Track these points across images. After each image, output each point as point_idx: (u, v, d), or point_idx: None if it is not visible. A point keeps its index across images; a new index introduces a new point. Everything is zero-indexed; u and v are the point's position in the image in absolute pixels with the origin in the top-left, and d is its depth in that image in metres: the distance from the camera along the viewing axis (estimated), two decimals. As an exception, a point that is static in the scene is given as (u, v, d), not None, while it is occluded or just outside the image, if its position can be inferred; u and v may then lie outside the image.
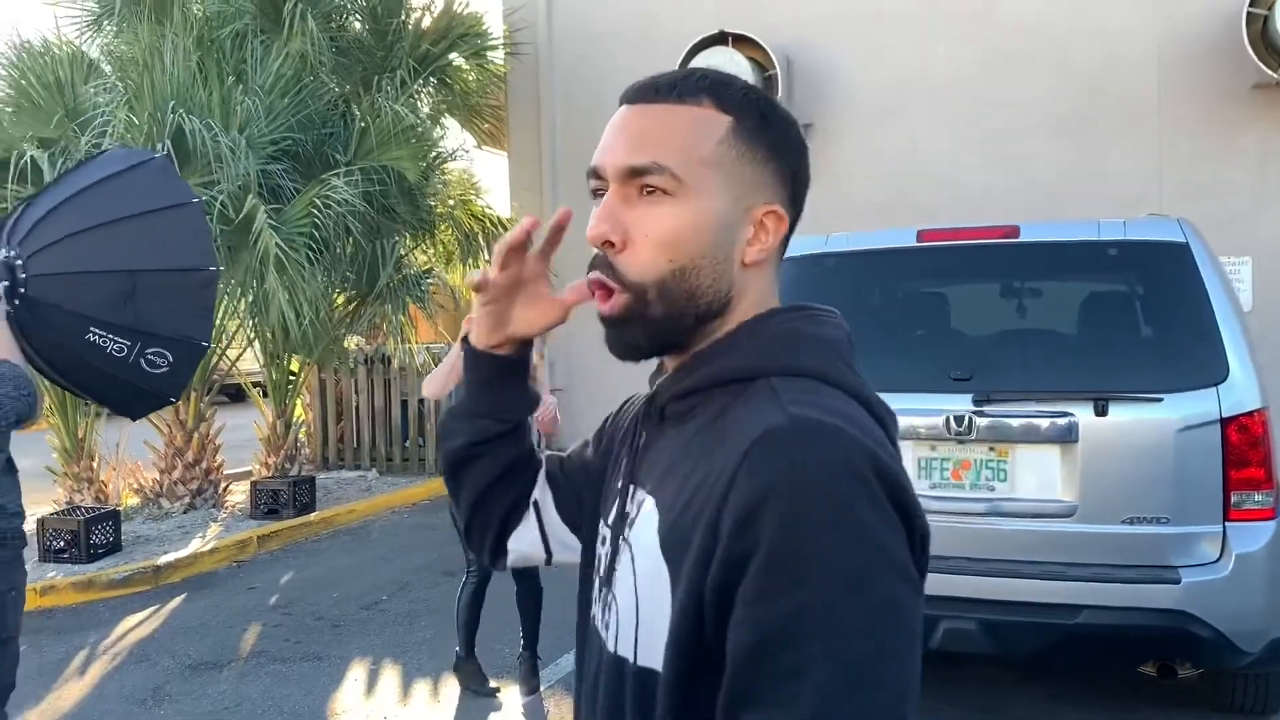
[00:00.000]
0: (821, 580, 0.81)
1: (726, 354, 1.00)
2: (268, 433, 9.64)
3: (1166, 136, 9.66)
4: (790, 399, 0.91)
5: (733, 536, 0.84)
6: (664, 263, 0.97)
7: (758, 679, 0.82)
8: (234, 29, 9.20)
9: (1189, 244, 3.85)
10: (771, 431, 0.87)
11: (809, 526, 0.82)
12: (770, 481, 0.84)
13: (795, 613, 0.81)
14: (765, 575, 0.82)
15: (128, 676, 5.24)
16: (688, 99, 1.00)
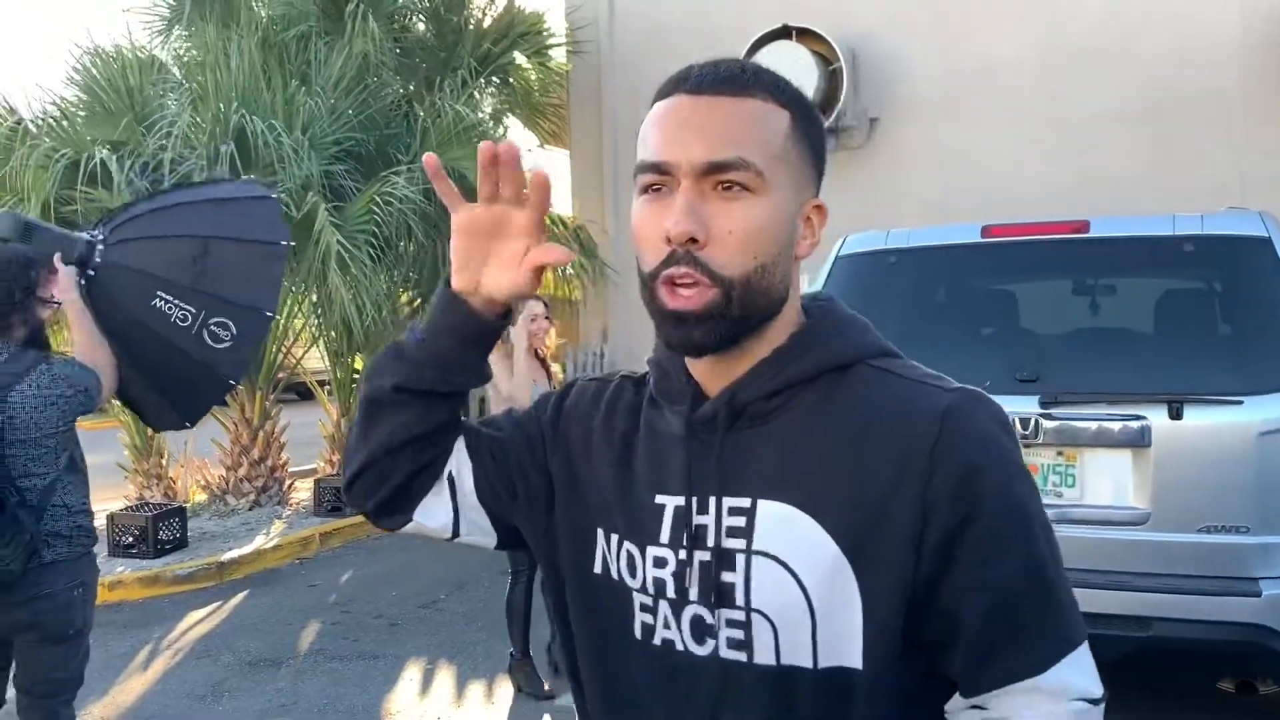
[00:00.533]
0: (1033, 532, 0.95)
1: (819, 345, 1.02)
2: (332, 430, 9.74)
3: (1249, 128, 9.29)
4: (918, 376, 1.00)
5: (949, 509, 0.92)
6: (750, 259, 0.96)
7: (998, 633, 0.93)
8: (298, 31, 9.32)
9: (1271, 238, 3.66)
10: (954, 408, 0.95)
11: (1015, 485, 0.95)
12: (975, 453, 0.93)
13: (1023, 568, 0.94)
14: (990, 538, 0.93)
15: (189, 672, 5.31)
16: (751, 92, 0.99)
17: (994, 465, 0.94)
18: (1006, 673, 0.94)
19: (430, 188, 8.77)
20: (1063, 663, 0.94)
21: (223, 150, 7.84)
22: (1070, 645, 0.95)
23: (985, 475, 0.93)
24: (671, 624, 1.03)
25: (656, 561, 1.04)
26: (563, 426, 1.18)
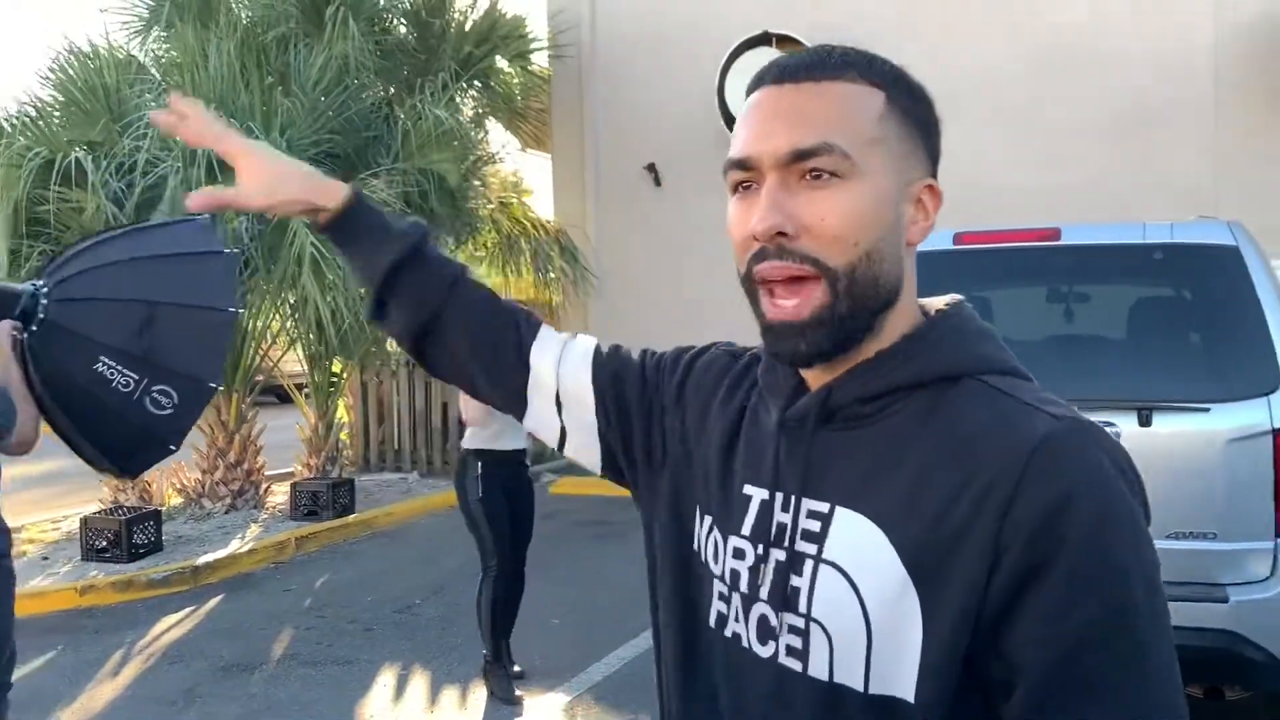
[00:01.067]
0: (1124, 582, 0.82)
1: (928, 352, 0.95)
2: (309, 434, 9.70)
3: (1224, 138, 9.38)
4: (1033, 399, 0.91)
5: (1027, 546, 0.83)
6: (851, 246, 0.91)
7: (1063, 687, 0.82)
8: (278, 32, 9.28)
9: (1239, 248, 3.70)
10: (1053, 437, 0.85)
11: (1110, 530, 0.83)
12: (1067, 488, 0.83)
13: (1101, 618, 0.81)
14: (1069, 583, 0.82)
15: (160, 677, 5.27)
16: (837, 75, 0.94)
17: (1088, 504, 0.83)
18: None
19: (410, 191, 8.79)
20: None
21: (200, 152, 7.79)
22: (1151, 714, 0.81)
23: (1073, 514, 0.82)
24: (740, 618, 1.00)
25: (736, 553, 1.02)
26: (686, 394, 1.15)
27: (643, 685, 4.94)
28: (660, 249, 11.67)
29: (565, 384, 1.20)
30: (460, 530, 5.19)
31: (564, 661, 5.28)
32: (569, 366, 1.21)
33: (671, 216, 11.61)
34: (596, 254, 11.91)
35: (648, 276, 11.75)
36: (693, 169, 11.48)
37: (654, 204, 11.76)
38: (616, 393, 1.19)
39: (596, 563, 7.36)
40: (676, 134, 11.50)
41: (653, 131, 11.67)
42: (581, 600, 6.39)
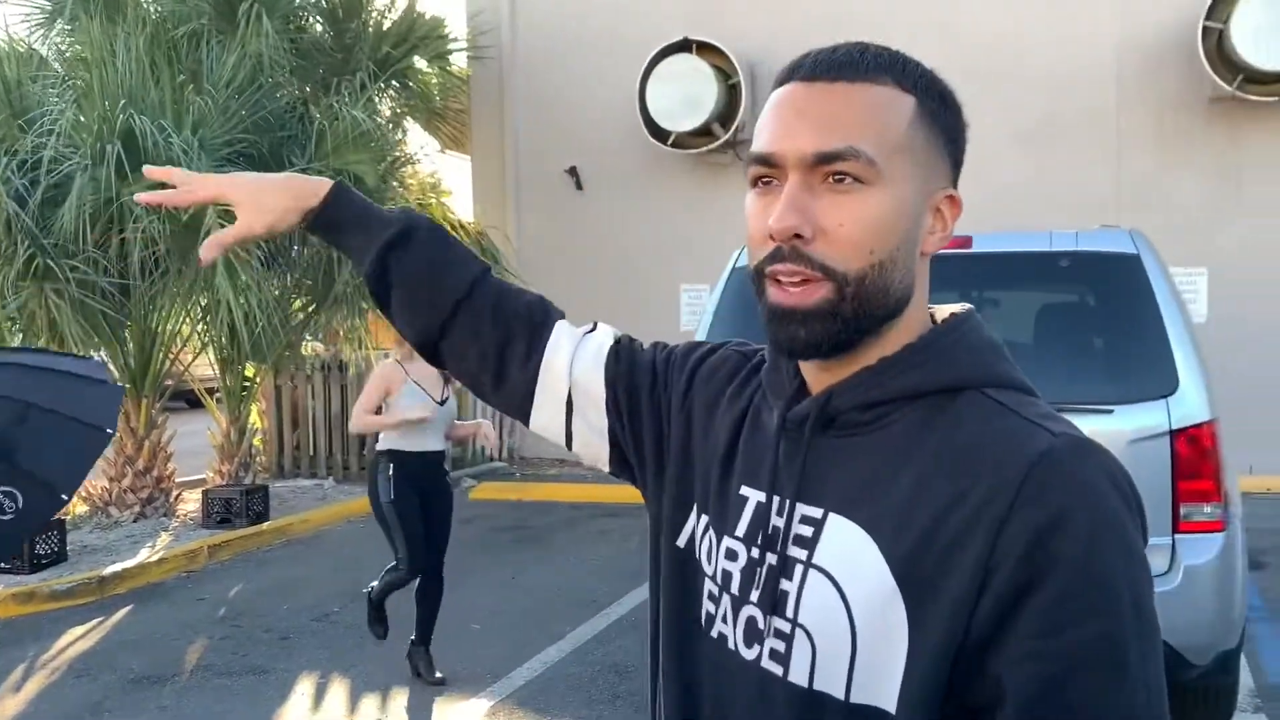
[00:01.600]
0: (1116, 607, 0.81)
1: (931, 362, 0.94)
2: (221, 440, 9.47)
3: (1125, 147, 9.75)
4: (1034, 415, 0.89)
5: (1019, 565, 0.82)
6: (865, 254, 0.90)
7: (1049, 712, 0.80)
8: (189, 29, 9.06)
9: (1140, 255, 3.85)
10: (1050, 454, 0.84)
11: (1103, 552, 0.81)
12: (1062, 507, 0.82)
13: (1092, 643, 0.80)
14: (1060, 605, 0.81)
15: (66, 691, 5.10)
16: (870, 78, 0.93)
17: (1082, 524, 0.81)
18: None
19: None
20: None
21: (109, 149, 7.58)
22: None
23: (1068, 534, 0.81)
24: (729, 619, 1.00)
25: (729, 554, 1.01)
26: (694, 392, 1.15)
27: (567, 689, 4.95)
28: (582, 252, 11.68)
29: (579, 385, 1.20)
30: (378, 536, 5.15)
31: (485, 667, 5.26)
32: (582, 366, 1.20)
33: (593, 219, 11.63)
34: (518, 256, 11.86)
35: (570, 279, 11.73)
36: (614, 172, 11.52)
37: (575, 207, 11.77)
38: (629, 392, 1.18)
39: (516, 567, 7.33)
40: (598, 137, 11.53)
41: (574, 134, 11.68)
42: (502, 605, 6.36)
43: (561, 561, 7.48)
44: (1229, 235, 9.43)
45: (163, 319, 8.75)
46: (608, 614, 6.09)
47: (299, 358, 10.74)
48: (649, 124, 10.62)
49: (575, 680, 5.06)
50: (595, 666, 5.23)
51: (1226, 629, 3.69)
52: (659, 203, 11.31)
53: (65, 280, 7.67)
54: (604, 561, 7.40)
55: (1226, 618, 3.68)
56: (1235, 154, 9.44)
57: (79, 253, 7.73)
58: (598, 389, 1.19)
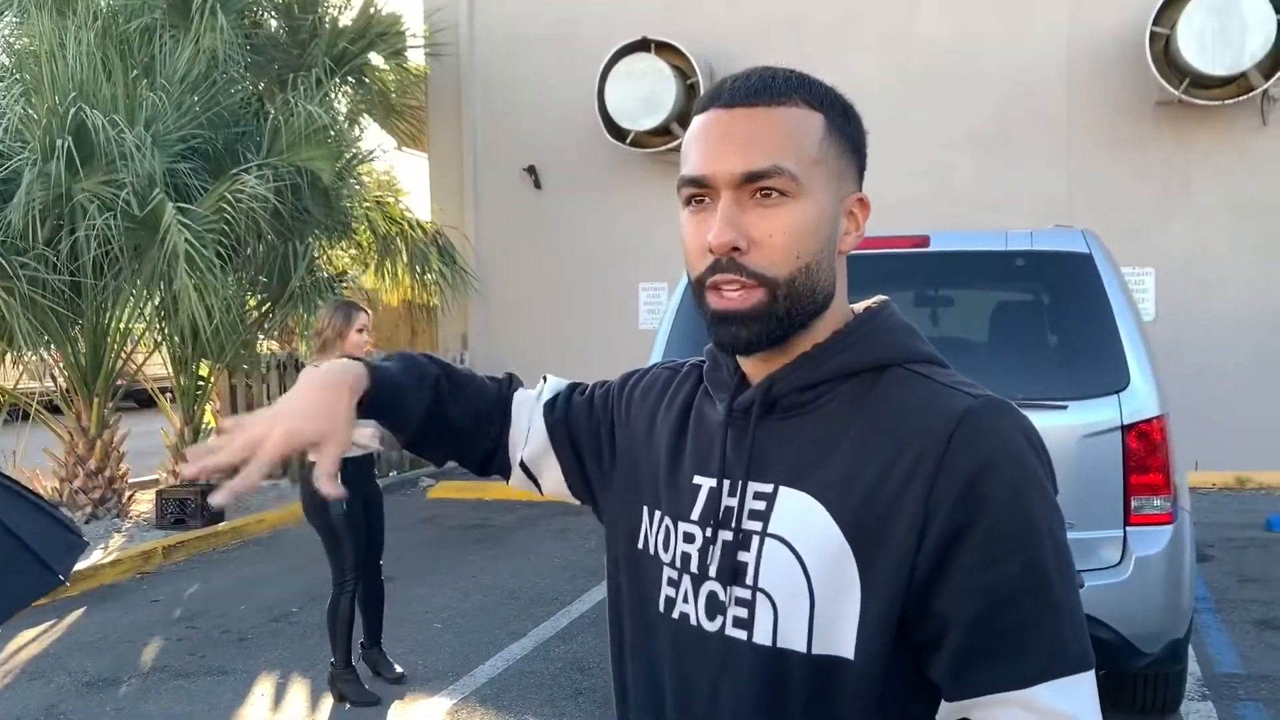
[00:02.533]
0: (1038, 541, 0.93)
1: (858, 345, 1.05)
2: (175, 440, 9.35)
3: (1076, 150, 9.93)
4: (952, 381, 1.02)
5: (952, 509, 0.93)
6: (793, 260, 1.00)
7: (988, 637, 0.93)
8: (142, 23, 8.93)
9: (1092, 254, 3.94)
10: (972, 412, 0.96)
11: (1024, 494, 0.94)
12: (987, 457, 0.94)
13: (1020, 573, 0.92)
14: (991, 541, 0.93)
15: (19, 695, 5.02)
16: (783, 100, 1.02)
17: (1006, 471, 0.94)
18: (991, 679, 0.93)
19: (281, 185, 8.57)
20: (1055, 683, 0.91)
21: (59, 144, 7.46)
22: (1067, 668, 0.92)
23: (993, 479, 0.93)
24: (690, 598, 1.08)
25: (686, 537, 1.10)
26: (633, 410, 1.26)
27: (529, 686, 4.96)
28: (540, 251, 11.66)
29: (531, 448, 1.31)
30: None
31: (447, 665, 5.25)
32: (532, 427, 1.31)
33: (551, 218, 11.62)
34: (476, 255, 11.83)
35: (528, 278, 11.74)
36: (572, 171, 11.52)
37: (534, 206, 11.75)
38: (569, 432, 1.30)
39: (476, 566, 7.32)
40: (556, 136, 11.52)
41: (532, 133, 11.66)
42: (463, 603, 6.35)
43: (522, 560, 7.47)
44: (1176, 236, 9.64)
45: (115, 317, 8.62)
46: (569, 611, 6.11)
47: (254, 356, 10.62)
48: (608, 123, 10.64)
49: (537, 677, 5.07)
50: (557, 663, 5.24)
51: (1176, 618, 3.78)
52: (618, 202, 11.33)
53: (15, 277, 7.53)
54: (564, 560, 7.41)
55: (1176, 607, 3.78)
56: (1182, 156, 9.65)
57: (29, 249, 7.60)
58: (544, 446, 1.30)
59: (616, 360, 9.86)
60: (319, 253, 10.16)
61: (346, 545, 4.66)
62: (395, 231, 10.92)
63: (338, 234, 10.24)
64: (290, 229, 9.24)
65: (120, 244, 7.81)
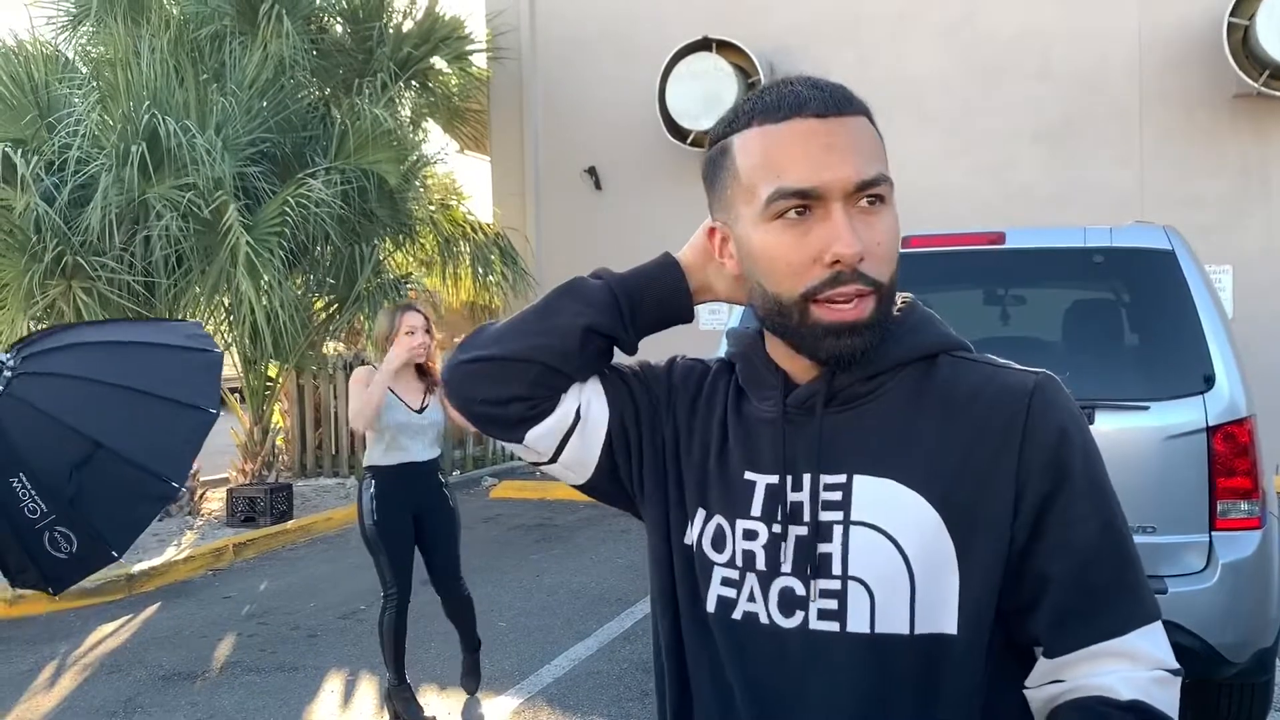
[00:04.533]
0: (1110, 502, 1.02)
1: (909, 336, 1.08)
2: (245, 439, 9.52)
3: (1148, 145, 9.69)
4: (1001, 363, 1.09)
5: (1040, 476, 1.00)
6: (893, 264, 1.04)
7: (1081, 594, 0.99)
8: (212, 30, 9.12)
9: (1175, 251, 3.83)
10: (1039, 387, 1.03)
11: (1094, 456, 1.03)
12: (1061, 425, 1.01)
13: (1101, 533, 1.00)
14: (1078, 500, 1.00)
15: (98, 688, 5.14)
16: (859, 110, 1.05)
17: (1079, 438, 1.02)
18: (1088, 634, 0.99)
19: (349, 188, 8.69)
20: (1141, 631, 0.99)
21: (134, 150, 7.63)
22: (1147, 618, 1.00)
23: (1072, 446, 1.01)
24: (758, 597, 1.07)
25: (747, 534, 1.09)
26: (674, 399, 1.23)
27: (595, 686, 4.96)
28: (601, 252, 11.62)
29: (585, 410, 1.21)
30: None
31: (513, 665, 5.27)
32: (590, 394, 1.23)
33: (612, 219, 11.64)
34: (536, 257, 11.89)
35: (588, 279, 11.76)
36: (633, 172, 11.52)
37: (594, 207, 11.78)
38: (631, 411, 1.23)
39: (540, 565, 7.35)
40: (616, 137, 11.53)
41: (592, 134, 11.69)
42: (526, 603, 6.37)
43: (585, 559, 7.48)
44: (1254, 232, 9.37)
45: (187, 317, 8.79)
46: (633, 612, 6.10)
47: (320, 357, 10.78)
48: (668, 123, 10.62)
49: (603, 678, 5.06)
50: (623, 664, 5.24)
51: (1264, 627, 3.66)
52: (678, 202, 11.30)
53: (94, 277, 7.73)
54: (627, 560, 7.41)
55: (1264, 616, 3.65)
56: (1260, 150, 9.38)
57: (106, 250, 7.79)
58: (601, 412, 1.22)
59: (680, 360, 9.78)
60: (384, 255, 10.28)
61: (381, 557, 4.50)
62: (458, 234, 11.01)
63: (403, 236, 10.36)
64: (357, 232, 9.36)
65: (190, 245, 7.97)
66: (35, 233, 7.63)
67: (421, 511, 4.55)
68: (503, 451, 11.72)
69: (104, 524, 2.89)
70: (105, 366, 2.97)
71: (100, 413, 2.91)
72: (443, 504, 4.62)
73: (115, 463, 2.85)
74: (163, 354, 3.12)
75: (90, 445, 2.82)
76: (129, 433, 2.91)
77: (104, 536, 2.90)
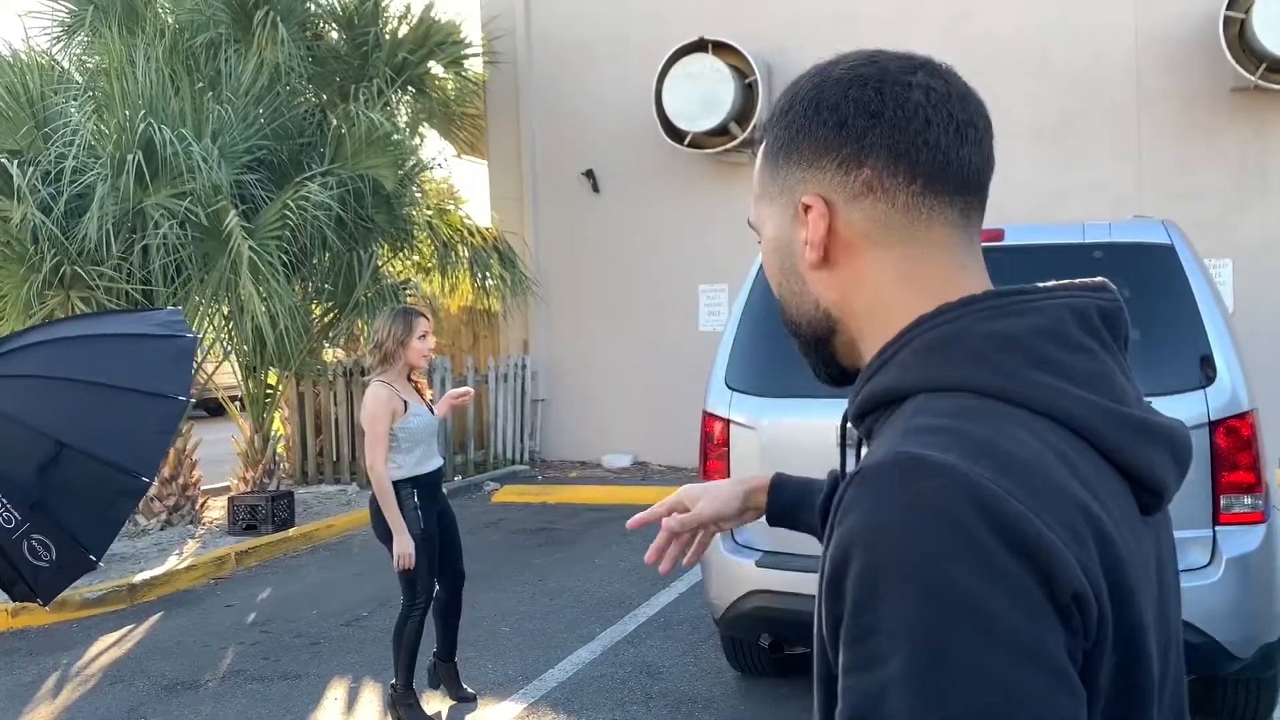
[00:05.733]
0: (900, 655, 0.67)
1: (879, 370, 0.87)
2: (245, 447, 9.51)
3: (1146, 139, 9.68)
4: (916, 425, 0.78)
5: (828, 599, 0.74)
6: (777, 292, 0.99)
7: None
8: (207, 38, 9.12)
9: (1174, 246, 3.82)
10: (861, 474, 0.74)
11: (884, 588, 0.69)
12: (850, 535, 0.72)
13: (876, 692, 0.68)
14: (850, 644, 0.71)
15: (102, 698, 5.12)
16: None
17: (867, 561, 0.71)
18: None
19: (345, 192, 8.68)
20: None
21: (129, 159, 7.62)
22: None
23: (852, 570, 0.71)
24: None
25: None
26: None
27: (600, 690, 4.94)
28: (600, 254, 11.67)
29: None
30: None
31: (517, 669, 5.26)
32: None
33: (610, 222, 11.63)
34: (535, 261, 11.88)
35: (588, 282, 11.75)
36: (631, 174, 11.52)
37: (593, 210, 11.77)
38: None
39: (543, 570, 7.33)
40: (614, 139, 11.53)
41: (590, 137, 11.68)
42: (530, 607, 6.36)
43: (588, 564, 7.47)
44: (1253, 225, 9.35)
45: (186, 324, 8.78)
46: (636, 615, 6.08)
47: (321, 364, 10.77)
48: (665, 125, 10.61)
49: (607, 681, 5.05)
50: (627, 667, 5.22)
51: (1269, 622, 3.65)
52: (676, 204, 11.30)
53: (93, 287, 7.73)
54: (630, 564, 7.39)
55: (1269, 610, 3.65)
56: (1259, 144, 9.36)
57: (104, 260, 7.79)
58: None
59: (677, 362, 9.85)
60: (382, 261, 10.27)
61: (420, 565, 4.46)
62: (456, 239, 11.00)
63: (401, 242, 10.35)
64: (354, 237, 9.36)
65: (189, 253, 7.97)
66: (33, 243, 7.63)
67: (441, 516, 4.68)
68: (504, 456, 11.70)
69: (77, 525, 2.84)
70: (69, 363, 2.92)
71: (62, 410, 2.85)
72: (447, 504, 4.79)
73: (81, 460, 2.79)
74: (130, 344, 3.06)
75: (54, 445, 2.76)
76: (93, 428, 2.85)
77: (79, 539, 2.86)
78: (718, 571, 4.36)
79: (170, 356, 3.08)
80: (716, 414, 4.39)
